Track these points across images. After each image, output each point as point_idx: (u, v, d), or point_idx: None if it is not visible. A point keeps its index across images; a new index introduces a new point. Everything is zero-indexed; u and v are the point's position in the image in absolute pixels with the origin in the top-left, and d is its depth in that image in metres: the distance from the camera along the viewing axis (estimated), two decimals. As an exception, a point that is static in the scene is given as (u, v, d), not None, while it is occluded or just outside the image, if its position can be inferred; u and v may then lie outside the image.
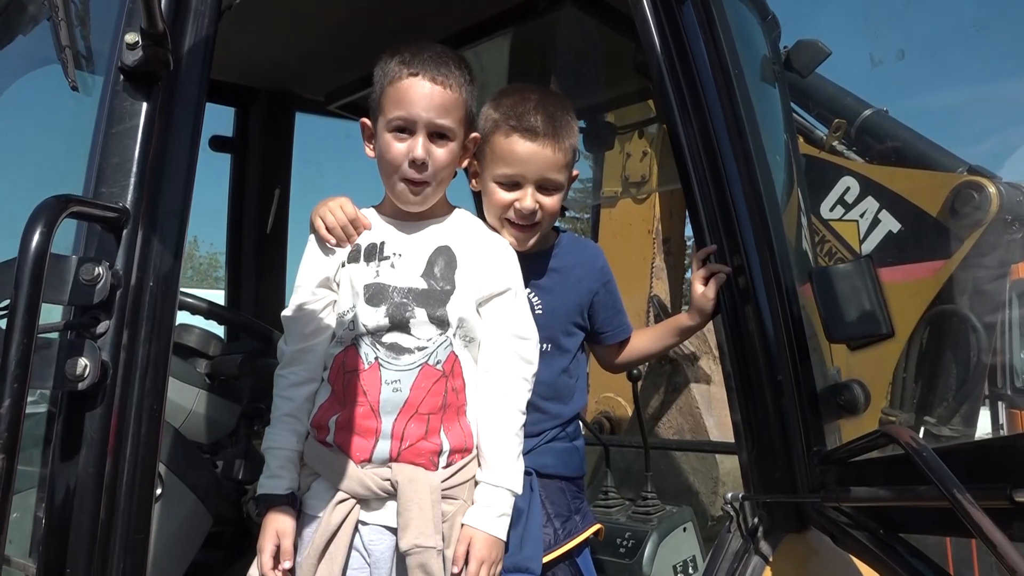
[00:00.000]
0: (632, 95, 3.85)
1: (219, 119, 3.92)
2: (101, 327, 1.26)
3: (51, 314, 1.34)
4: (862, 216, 4.13)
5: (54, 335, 1.27)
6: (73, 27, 1.65)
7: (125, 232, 1.32)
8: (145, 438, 1.30)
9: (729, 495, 2.03)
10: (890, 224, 4.03)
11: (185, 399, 2.33)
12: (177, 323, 2.61)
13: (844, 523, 1.82)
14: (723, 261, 2.10)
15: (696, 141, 2.15)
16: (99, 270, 1.24)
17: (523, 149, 2.00)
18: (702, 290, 2.08)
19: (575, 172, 2.18)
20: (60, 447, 1.24)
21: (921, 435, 3.98)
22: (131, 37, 1.32)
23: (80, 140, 1.49)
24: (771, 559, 1.97)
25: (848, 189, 4.21)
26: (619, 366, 2.33)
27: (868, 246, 4.10)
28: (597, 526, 2.13)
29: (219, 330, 3.08)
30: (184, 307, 2.46)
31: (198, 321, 2.71)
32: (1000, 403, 7.98)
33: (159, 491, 1.98)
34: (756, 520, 2.02)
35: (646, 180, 5.30)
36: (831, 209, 4.27)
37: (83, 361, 1.21)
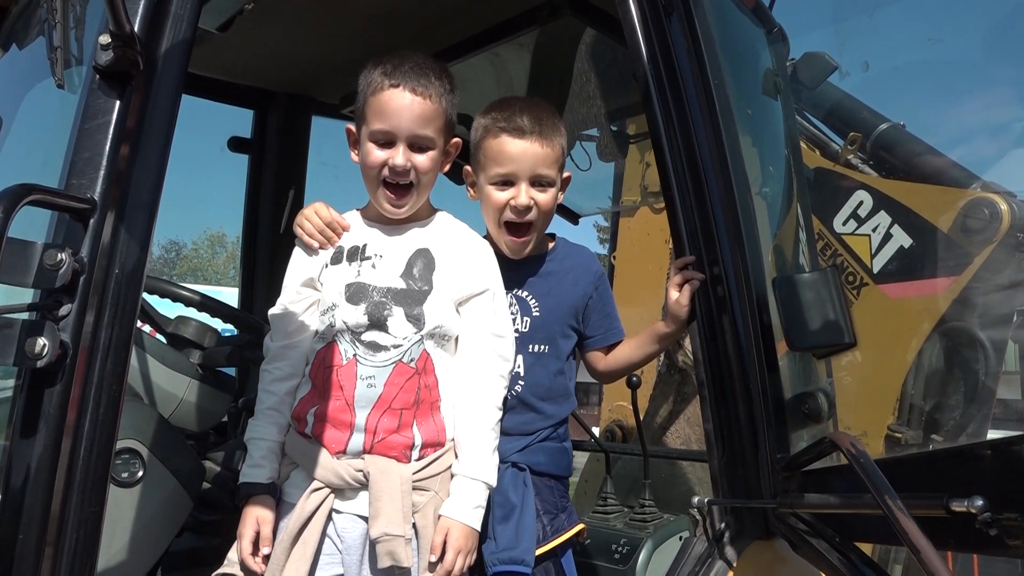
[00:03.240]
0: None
1: (239, 120, 4.04)
2: (63, 310, 1.34)
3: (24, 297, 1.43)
4: (874, 231, 4.08)
5: (23, 315, 1.35)
6: (68, 30, 1.74)
7: (92, 222, 1.39)
8: (103, 416, 1.38)
9: (695, 499, 2.05)
10: (902, 239, 3.97)
11: (177, 387, 2.42)
12: (175, 316, 2.75)
13: (803, 530, 1.84)
14: (700, 271, 2.12)
15: (679, 151, 2.18)
16: (62, 256, 1.32)
17: (513, 147, 2.09)
18: (676, 296, 2.11)
19: (567, 174, 2.24)
20: (20, 422, 1.32)
21: (930, 453, 3.92)
22: (104, 38, 1.40)
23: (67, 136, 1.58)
24: (735, 564, 1.99)
25: (861, 203, 4.16)
26: (605, 374, 2.33)
27: (880, 261, 4.05)
28: (581, 525, 2.17)
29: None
30: (178, 299, 2.56)
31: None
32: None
33: (141, 473, 2.07)
34: (723, 525, 2.04)
35: (665, 190, 5.29)
36: (844, 223, 4.22)
37: (42, 341, 1.29)
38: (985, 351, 3.74)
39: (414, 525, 1.82)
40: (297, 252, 2.03)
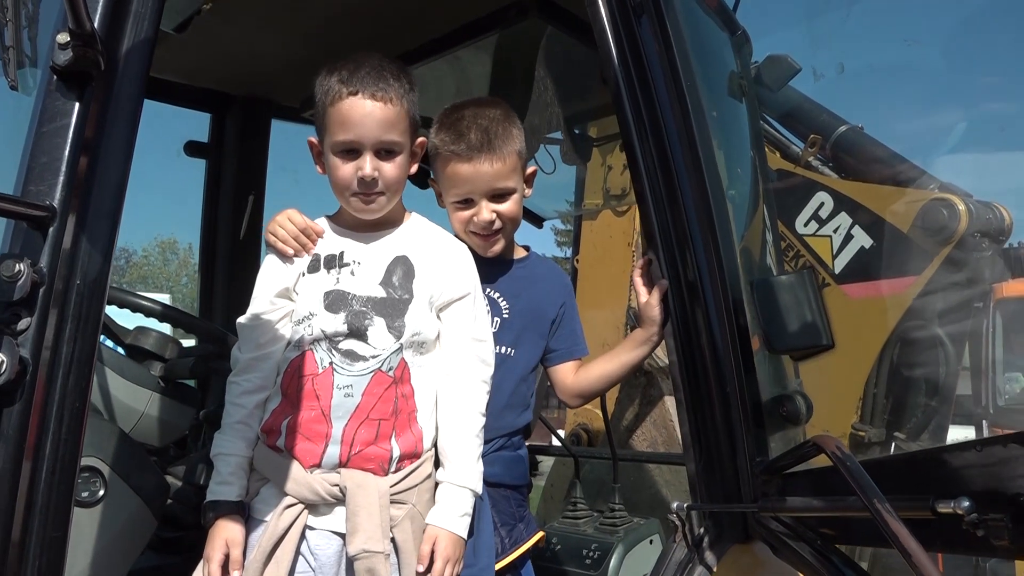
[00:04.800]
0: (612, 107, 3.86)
1: (194, 124, 3.94)
2: (22, 324, 1.26)
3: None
4: (835, 232, 4.14)
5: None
6: (20, 28, 1.66)
7: (51, 230, 1.32)
8: (67, 436, 1.30)
9: (675, 504, 2.03)
10: (863, 240, 4.04)
11: (138, 402, 2.34)
12: (134, 326, 2.65)
13: (784, 533, 1.83)
14: (674, 273, 2.10)
15: (652, 155, 2.16)
16: (20, 267, 1.25)
17: (464, 171, 2.08)
18: (645, 299, 2.10)
19: (531, 169, 2.22)
20: (-24, 443, 1.24)
21: (892, 450, 3.98)
22: (62, 37, 1.33)
23: (20, 140, 1.50)
24: (715, 569, 1.97)
25: (822, 204, 4.22)
26: (578, 392, 2.25)
27: (841, 262, 4.11)
28: (540, 534, 2.14)
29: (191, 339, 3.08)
30: (138, 309, 2.46)
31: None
32: (984, 422, 8.00)
33: (102, 492, 1.98)
34: (702, 530, 2.02)
35: (627, 193, 5.32)
36: (805, 224, 4.28)
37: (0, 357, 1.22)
38: (945, 349, 3.81)
39: (392, 540, 1.77)
40: (270, 260, 1.95)
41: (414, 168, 2.00)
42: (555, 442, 4.25)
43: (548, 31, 3.22)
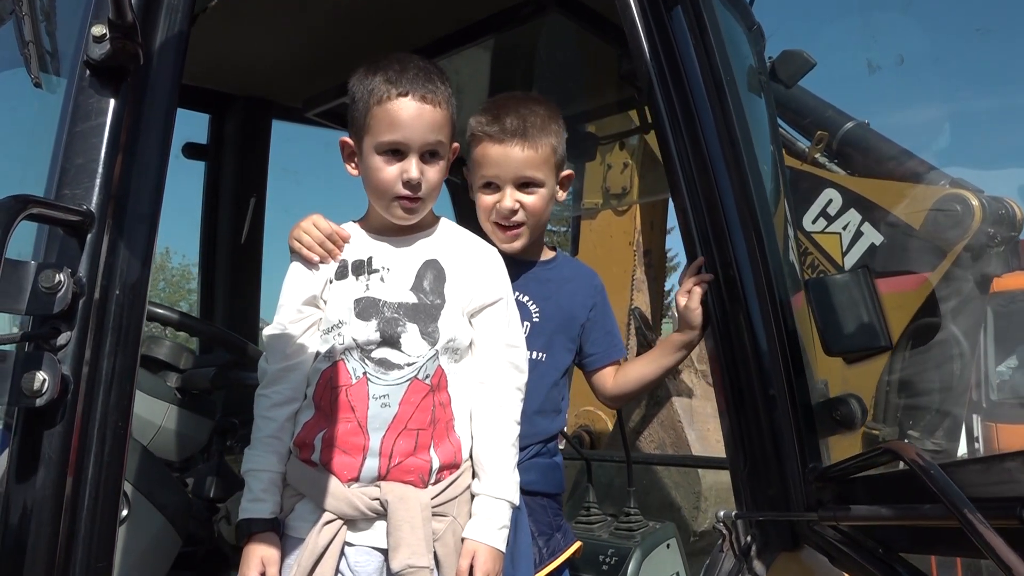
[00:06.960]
0: (614, 105, 3.81)
1: (193, 125, 3.83)
2: (62, 339, 1.17)
3: (9, 324, 1.26)
4: (844, 228, 4.12)
5: (10, 347, 1.18)
6: (38, 22, 1.57)
7: (89, 237, 1.23)
8: (109, 457, 1.21)
9: (722, 513, 1.96)
10: (873, 237, 4.02)
11: (155, 415, 2.24)
12: (147, 335, 2.54)
13: (840, 541, 1.77)
14: (712, 271, 2.04)
15: (686, 150, 2.10)
16: (60, 277, 1.16)
17: (494, 152, 2.04)
18: (685, 302, 2.03)
19: (567, 172, 2.16)
20: (16, 467, 1.15)
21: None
22: (98, 29, 1.24)
23: (45, 140, 1.40)
24: (765, 579, 1.91)
25: (831, 201, 4.20)
26: (617, 396, 2.22)
27: (851, 259, 4.09)
28: (577, 544, 2.09)
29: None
30: (155, 318, 2.36)
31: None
32: (976, 416, 8.04)
33: (125, 512, 1.89)
34: (749, 539, 1.95)
35: (627, 192, 5.28)
36: (813, 221, 4.26)
37: (41, 375, 1.12)
38: (960, 345, 3.79)
39: (435, 554, 1.70)
40: (295, 268, 1.87)
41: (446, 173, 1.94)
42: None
43: (545, 30, 3.15)
